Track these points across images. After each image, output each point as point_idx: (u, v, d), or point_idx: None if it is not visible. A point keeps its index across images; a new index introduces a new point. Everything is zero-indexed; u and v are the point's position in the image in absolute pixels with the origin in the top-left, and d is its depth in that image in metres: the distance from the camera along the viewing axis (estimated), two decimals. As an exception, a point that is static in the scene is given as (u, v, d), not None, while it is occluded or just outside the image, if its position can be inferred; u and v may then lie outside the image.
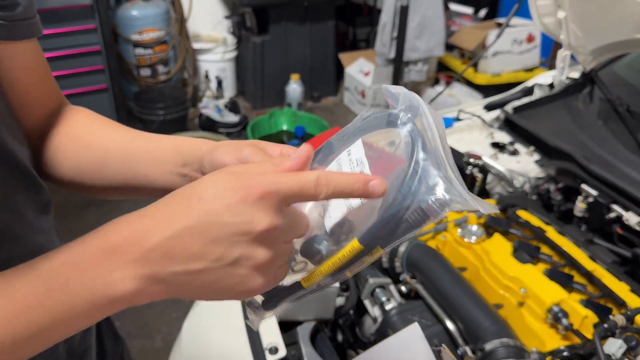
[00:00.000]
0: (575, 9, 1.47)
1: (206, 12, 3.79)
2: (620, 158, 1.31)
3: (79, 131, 0.61)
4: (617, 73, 1.60)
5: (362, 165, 0.45)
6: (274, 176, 0.40)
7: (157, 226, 0.40)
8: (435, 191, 0.40)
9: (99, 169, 0.58)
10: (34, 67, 0.58)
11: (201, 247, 0.39)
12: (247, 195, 0.39)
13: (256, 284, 0.41)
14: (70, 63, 2.83)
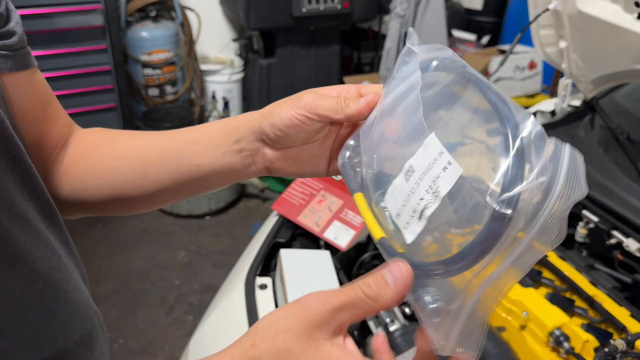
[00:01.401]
0: (577, 40, 1.52)
1: (214, 35, 3.86)
2: (620, 185, 1.33)
3: (108, 147, 0.59)
4: (618, 102, 1.64)
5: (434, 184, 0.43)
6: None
7: None
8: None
9: (143, 176, 0.57)
10: (43, 93, 0.57)
11: None
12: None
13: None
14: (80, 82, 2.88)
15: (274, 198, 3.03)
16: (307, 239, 1.27)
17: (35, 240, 0.47)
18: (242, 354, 0.39)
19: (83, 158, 0.59)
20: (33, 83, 0.56)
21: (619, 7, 1.30)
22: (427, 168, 0.42)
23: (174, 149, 0.56)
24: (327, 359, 0.39)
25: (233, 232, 2.77)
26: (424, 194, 0.42)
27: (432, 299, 0.41)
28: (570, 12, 1.45)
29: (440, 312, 0.41)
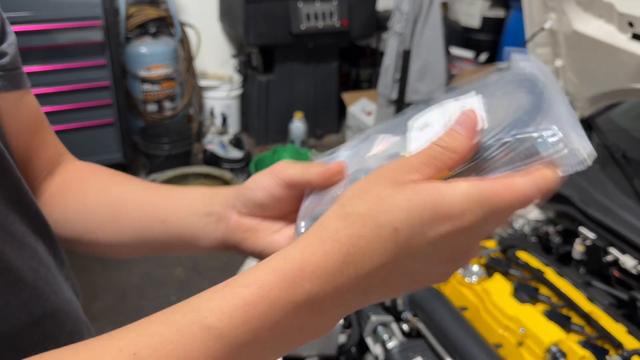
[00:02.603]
0: (573, 58, 1.54)
1: (214, 51, 3.89)
2: (617, 202, 1.34)
3: (93, 185, 0.59)
4: (614, 120, 1.65)
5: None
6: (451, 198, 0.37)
7: (349, 266, 0.36)
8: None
9: (118, 230, 0.56)
10: (33, 118, 0.57)
11: (397, 284, 0.38)
12: (437, 220, 0.36)
13: (454, 269, 0.41)
14: (79, 97, 2.89)
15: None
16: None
17: (21, 251, 0.46)
18: (332, 213, 0.37)
19: (68, 192, 0.59)
20: (24, 105, 0.55)
21: (613, 27, 1.32)
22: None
23: (150, 201, 0.56)
24: (418, 194, 0.36)
25: (230, 248, 2.76)
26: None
27: None
28: (566, 31, 1.47)
29: None
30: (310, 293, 0.35)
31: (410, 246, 0.36)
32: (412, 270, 0.38)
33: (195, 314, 0.34)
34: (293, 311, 0.35)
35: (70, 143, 2.66)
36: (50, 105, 2.81)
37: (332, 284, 0.36)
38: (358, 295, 0.37)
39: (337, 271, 0.36)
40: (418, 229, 0.36)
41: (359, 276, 0.36)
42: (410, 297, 1.12)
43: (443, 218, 0.36)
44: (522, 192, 0.37)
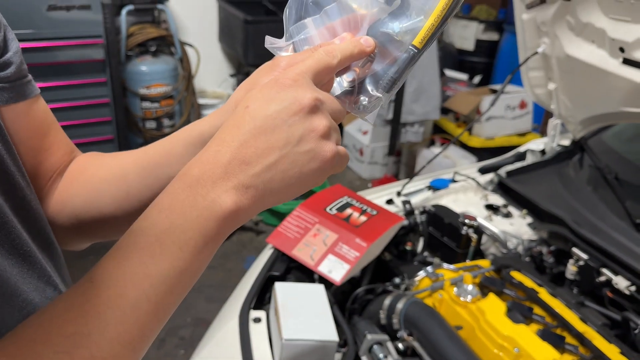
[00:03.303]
0: (565, 82, 1.57)
1: (213, 70, 3.93)
2: (609, 223, 1.36)
3: (92, 171, 0.60)
4: (606, 142, 1.68)
5: None
6: (295, 65, 0.46)
7: (223, 145, 0.43)
8: None
9: (125, 196, 0.58)
10: (43, 123, 0.58)
11: (266, 141, 0.43)
12: (282, 84, 0.44)
13: (328, 148, 0.44)
14: (79, 114, 2.92)
15: (268, 231, 3.03)
16: (302, 273, 1.28)
17: (30, 272, 0.48)
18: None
19: (73, 183, 0.60)
20: (32, 114, 0.57)
21: (605, 52, 1.36)
22: None
23: (150, 163, 0.57)
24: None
25: (226, 265, 2.76)
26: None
27: None
28: (559, 55, 1.51)
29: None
30: (199, 175, 0.42)
31: (260, 114, 0.43)
32: (277, 142, 0.43)
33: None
34: (189, 191, 0.42)
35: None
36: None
37: (213, 162, 0.42)
38: (242, 166, 0.42)
39: (215, 152, 0.43)
40: (263, 102, 0.44)
41: (233, 149, 0.42)
42: (405, 315, 1.13)
43: (279, 84, 0.44)
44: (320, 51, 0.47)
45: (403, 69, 0.48)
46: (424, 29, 0.47)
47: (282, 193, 0.44)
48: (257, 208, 0.44)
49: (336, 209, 1.41)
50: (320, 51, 0.47)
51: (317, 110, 0.44)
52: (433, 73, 3.20)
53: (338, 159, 0.46)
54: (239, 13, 3.37)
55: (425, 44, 0.48)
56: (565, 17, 1.43)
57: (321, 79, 0.47)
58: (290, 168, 0.43)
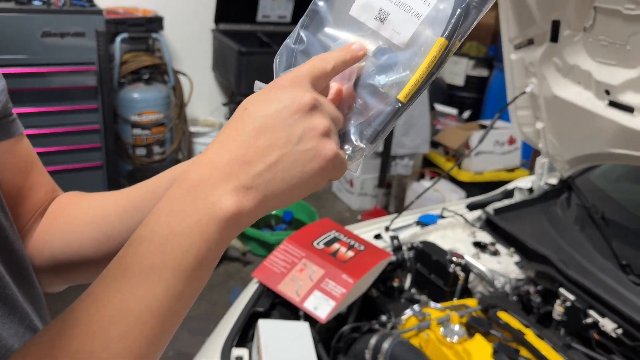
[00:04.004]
0: (553, 121, 1.59)
1: (205, 98, 3.96)
2: (596, 264, 1.36)
3: (74, 211, 0.59)
4: (593, 181, 1.69)
5: None
6: (292, 70, 0.47)
7: (221, 147, 0.42)
8: None
9: (105, 238, 0.56)
10: (26, 161, 0.57)
11: (266, 140, 0.42)
12: (280, 86, 0.44)
13: (329, 147, 0.44)
14: (69, 139, 2.91)
15: (255, 262, 3.00)
16: (287, 309, 1.26)
17: (11, 317, 0.46)
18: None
19: (53, 223, 0.59)
20: (16, 152, 0.56)
21: (591, 94, 1.38)
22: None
23: (132, 205, 0.56)
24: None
25: (211, 297, 2.72)
26: None
27: None
28: (546, 95, 1.53)
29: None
30: (198, 179, 0.41)
31: (260, 114, 0.43)
32: (278, 141, 0.42)
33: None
34: (188, 195, 0.41)
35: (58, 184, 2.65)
36: (40, 147, 2.81)
37: (212, 164, 0.42)
38: (243, 166, 0.41)
39: (214, 154, 0.42)
40: (262, 103, 0.44)
41: (232, 150, 0.42)
42: (391, 356, 1.12)
43: (277, 86, 0.45)
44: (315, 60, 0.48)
45: (387, 121, 0.48)
46: (409, 84, 0.47)
47: (284, 194, 0.43)
48: (259, 211, 0.43)
49: (323, 244, 1.40)
50: (314, 58, 0.48)
51: (317, 110, 0.44)
52: (423, 107, 3.23)
53: (339, 161, 0.46)
54: (233, 44, 3.41)
55: (410, 99, 0.48)
56: (552, 59, 1.45)
57: (317, 84, 0.47)
58: (292, 167, 0.43)
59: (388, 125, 0.48)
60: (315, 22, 0.52)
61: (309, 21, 0.52)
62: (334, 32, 0.51)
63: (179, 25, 3.64)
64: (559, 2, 1.32)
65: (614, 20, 1.21)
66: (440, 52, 0.47)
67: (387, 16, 0.49)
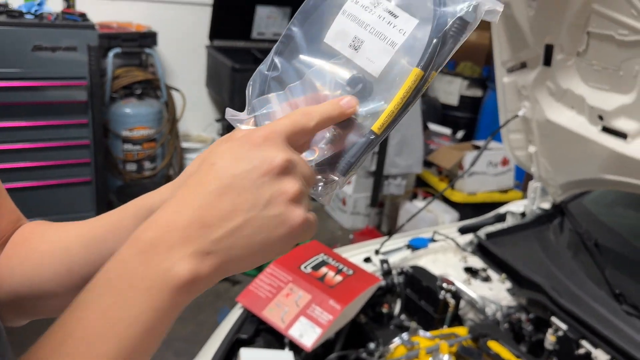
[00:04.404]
0: (545, 146, 1.57)
1: (198, 114, 3.93)
2: (589, 293, 1.33)
3: (36, 242, 0.57)
4: (586, 206, 1.67)
5: (382, 4, 0.47)
6: (268, 124, 0.44)
7: (182, 206, 0.40)
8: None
9: (67, 272, 0.54)
10: None
11: (231, 203, 0.39)
12: (253, 142, 0.41)
13: (296, 214, 0.41)
14: (58, 154, 2.87)
15: (244, 281, 2.95)
16: (272, 335, 1.22)
17: None
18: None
19: (13, 255, 0.56)
20: None
21: (585, 119, 1.36)
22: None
23: (95, 237, 0.54)
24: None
25: (198, 317, 2.67)
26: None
27: None
28: (539, 119, 1.52)
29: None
30: (153, 240, 0.38)
31: (227, 173, 0.40)
32: (243, 204, 0.40)
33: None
34: (141, 258, 0.38)
35: (45, 199, 2.60)
36: (29, 161, 2.78)
37: (170, 225, 0.39)
38: (203, 230, 0.39)
39: (173, 213, 0.40)
40: (231, 160, 0.41)
41: (193, 210, 0.39)
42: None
43: (250, 142, 0.42)
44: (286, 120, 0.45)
45: (360, 153, 0.46)
46: (383, 115, 0.45)
47: (245, 260, 0.41)
48: (217, 276, 0.40)
49: (311, 268, 1.37)
50: (297, 112, 0.45)
51: (289, 172, 0.41)
52: (416, 127, 3.22)
53: (307, 227, 0.43)
54: (227, 60, 3.40)
55: (384, 130, 0.46)
56: (545, 83, 1.44)
57: (295, 140, 0.44)
58: (256, 233, 0.40)
59: (362, 157, 0.46)
60: (290, 48, 0.50)
61: (283, 47, 0.50)
62: (309, 59, 0.49)
63: (173, 40, 3.63)
64: (552, 26, 1.31)
65: (607, 45, 1.20)
66: (416, 83, 0.45)
67: (362, 44, 0.47)
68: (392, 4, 0.47)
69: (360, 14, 0.47)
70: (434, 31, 0.45)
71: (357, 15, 0.48)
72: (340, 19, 0.48)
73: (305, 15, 0.49)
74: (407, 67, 0.45)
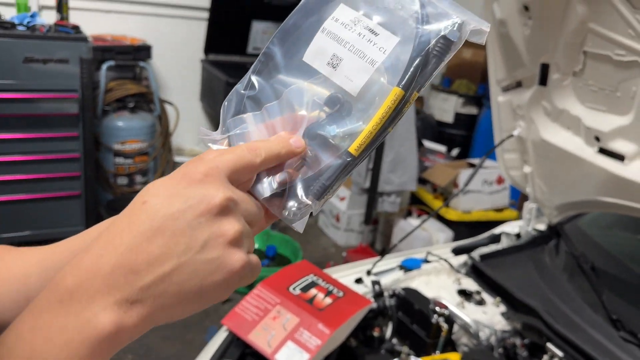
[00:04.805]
0: (541, 166, 1.55)
1: (192, 128, 3.90)
2: (585, 318, 1.30)
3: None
4: (582, 228, 1.64)
5: (362, 21, 0.45)
6: (210, 158, 0.40)
7: (108, 248, 0.36)
8: (447, 17, 0.43)
9: (25, 300, 0.50)
10: None
11: (162, 246, 0.36)
12: (191, 179, 0.38)
13: (236, 257, 0.38)
14: (47, 167, 2.83)
15: (234, 299, 2.90)
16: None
17: None
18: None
19: None
20: None
21: (581, 140, 1.34)
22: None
23: (54, 264, 0.50)
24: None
25: (186, 336, 2.61)
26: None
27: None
28: (534, 139, 1.49)
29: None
30: (74, 287, 0.35)
31: (159, 213, 0.36)
32: (175, 247, 0.36)
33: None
34: (59, 308, 0.34)
35: (33, 213, 2.54)
36: (18, 174, 2.74)
37: (92, 270, 0.35)
38: (129, 276, 0.35)
39: (98, 256, 0.36)
40: (164, 198, 0.37)
41: (119, 254, 0.35)
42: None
43: (188, 178, 0.38)
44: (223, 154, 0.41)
45: (336, 176, 0.43)
46: (361, 136, 0.43)
47: (176, 309, 0.38)
48: (144, 327, 0.37)
49: (300, 289, 1.33)
50: (242, 147, 0.42)
51: (229, 212, 0.38)
52: (411, 144, 3.20)
53: (248, 270, 0.39)
54: (221, 75, 3.38)
55: (362, 152, 0.43)
56: (541, 102, 1.42)
57: (239, 177, 0.41)
58: (189, 279, 0.37)
59: (338, 181, 0.44)
60: (268, 67, 0.47)
61: (262, 66, 0.48)
62: (287, 79, 0.46)
63: (168, 54, 3.62)
64: (548, 45, 1.29)
65: (604, 65, 1.18)
66: (396, 103, 0.42)
67: (340, 62, 0.45)
68: (373, 21, 0.45)
69: (340, 31, 0.45)
70: (415, 50, 0.43)
71: (336, 32, 0.46)
72: (320, 36, 0.46)
73: (285, 34, 0.47)
74: (387, 87, 0.43)
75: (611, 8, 1.07)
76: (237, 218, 0.39)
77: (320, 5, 0.47)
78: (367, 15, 0.45)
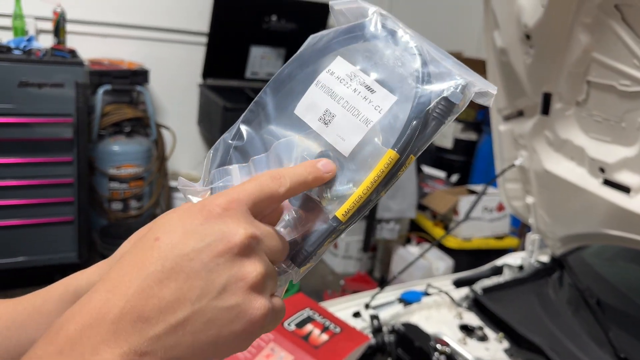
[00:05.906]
0: (543, 197, 1.51)
1: (189, 153, 3.88)
2: (591, 355, 1.24)
3: None
4: (587, 260, 1.60)
5: (359, 77, 0.42)
6: (230, 190, 0.36)
7: (115, 291, 0.32)
8: (451, 77, 0.40)
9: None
10: None
11: (175, 290, 0.32)
12: (209, 213, 0.34)
13: (258, 305, 0.34)
14: (40, 192, 2.78)
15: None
16: (250, 401, 1.12)
17: None
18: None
19: None
20: None
21: (585, 171, 1.30)
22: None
23: (15, 322, 0.46)
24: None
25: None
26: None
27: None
28: (537, 169, 1.45)
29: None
30: (76, 334, 0.30)
31: (173, 252, 0.32)
32: (190, 292, 0.32)
33: None
34: (60, 358, 0.30)
35: (26, 239, 2.48)
36: (10, 199, 2.70)
37: (97, 315, 0.31)
38: (138, 324, 0.31)
39: (104, 300, 0.32)
40: (179, 235, 0.33)
41: (127, 298, 0.31)
42: None
43: (206, 212, 0.34)
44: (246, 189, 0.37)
45: (320, 242, 0.40)
46: (350, 200, 0.39)
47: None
48: None
49: (295, 325, 1.27)
50: (265, 175, 0.38)
51: (251, 252, 0.34)
52: (410, 170, 3.17)
53: (271, 318, 0.35)
54: (219, 99, 3.37)
55: (350, 217, 0.40)
56: (543, 132, 1.39)
57: (262, 209, 0.37)
58: (205, 329, 0.32)
59: (323, 247, 0.40)
60: (259, 117, 0.44)
61: (252, 116, 0.44)
62: (278, 131, 0.43)
63: (165, 78, 3.60)
64: (550, 74, 1.26)
65: (608, 95, 1.15)
66: (390, 167, 0.39)
67: (333, 119, 0.42)
68: (370, 78, 0.42)
69: (335, 86, 0.42)
70: (413, 111, 0.39)
71: (331, 87, 0.43)
72: (313, 90, 0.43)
73: (279, 84, 0.44)
74: (381, 148, 0.40)
75: (615, 37, 1.04)
76: (259, 258, 0.35)
77: (317, 57, 0.44)
78: (364, 71, 0.42)
